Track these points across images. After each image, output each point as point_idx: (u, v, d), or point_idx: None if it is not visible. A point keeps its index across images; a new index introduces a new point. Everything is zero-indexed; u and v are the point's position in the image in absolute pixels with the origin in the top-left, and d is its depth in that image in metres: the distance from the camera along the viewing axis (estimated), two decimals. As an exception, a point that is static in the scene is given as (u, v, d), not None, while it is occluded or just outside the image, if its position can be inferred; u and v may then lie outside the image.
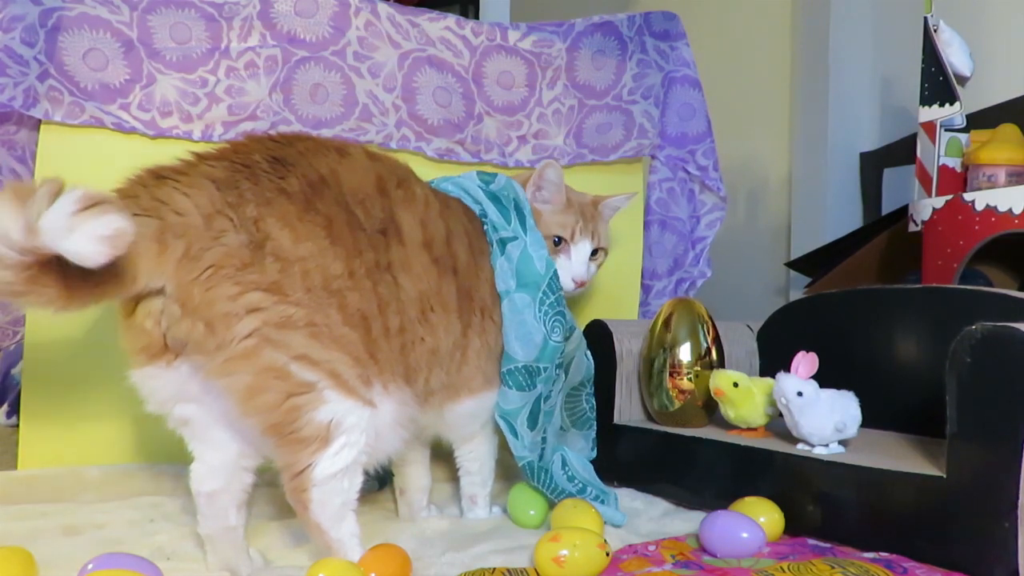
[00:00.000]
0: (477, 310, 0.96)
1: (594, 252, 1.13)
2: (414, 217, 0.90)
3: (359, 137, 1.28)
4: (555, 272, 1.01)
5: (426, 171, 1.08)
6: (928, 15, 1.35)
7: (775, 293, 2.07)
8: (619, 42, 1.46)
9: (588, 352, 1.15)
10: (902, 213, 1.59)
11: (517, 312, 0.98)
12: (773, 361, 1.21)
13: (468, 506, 1.06)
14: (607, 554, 0.78)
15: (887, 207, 1.83)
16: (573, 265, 1.10)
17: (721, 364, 1.13)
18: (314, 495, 0.78)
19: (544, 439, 1.03)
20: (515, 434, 0.99)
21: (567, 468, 1.05)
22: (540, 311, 0.99)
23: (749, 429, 1.06)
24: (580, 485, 1.03)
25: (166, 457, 1.16)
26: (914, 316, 1.06)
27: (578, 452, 1.12)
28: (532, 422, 1.00)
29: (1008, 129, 1.34)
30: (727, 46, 2.20)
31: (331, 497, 0.79)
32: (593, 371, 1.15)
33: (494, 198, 1.03)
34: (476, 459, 1.04)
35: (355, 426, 0.79)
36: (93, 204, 0.63)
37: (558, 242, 1.09)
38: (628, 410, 1.20)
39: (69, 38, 1.09)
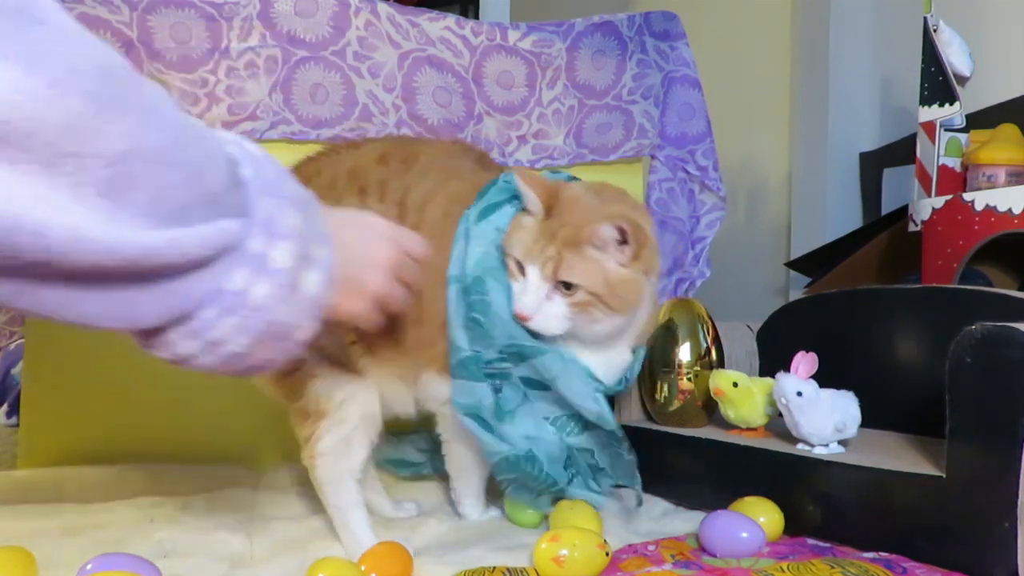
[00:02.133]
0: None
1: (567, 286, 0.85)
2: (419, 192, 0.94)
3: (359, 137, 1.28)
4: (478, 278, 0.88)
5: (426, 171, 1.08)
6: (928, 15, 1.35)
7: (775, 293, 2.07)
8: (619, 42, 1.47)
9: (602, 399, 0.92)
10: (902, 213, 1.59)
11: (450, 301, 0.90)
12: (773, 361, 1.21)
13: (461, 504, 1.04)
14: (607, 554, 0.78)
15: (887, 207, 1.83)
16: (516, 294, 0.88)
17: (721, 364, 1.13)
18: (318, 463, 0.89)
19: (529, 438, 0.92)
20: (487, 428, 0.89)
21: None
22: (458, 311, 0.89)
23: (749, 429, 1.06)
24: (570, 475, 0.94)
25: (166, 457, 1.16)
26: (914, 316, 1.06)
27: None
28: (499, 415, 0.91)
29: (1008, 129, 1.34)
30: (727, 46, 2.20)
31: (332, 465, 0.88)
32: (610, 420, 0.92)
33: (484, 191, 0.96)
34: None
35: (349, 398, 0.88)
36: None
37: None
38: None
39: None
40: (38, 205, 0.40)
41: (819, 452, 0.93)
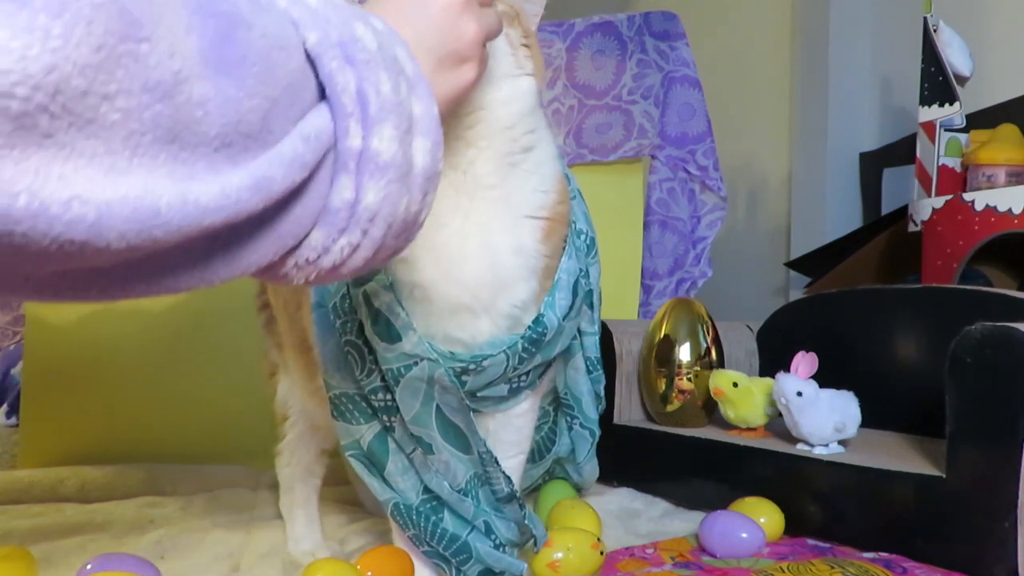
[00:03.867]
0: None
1: None
2: None
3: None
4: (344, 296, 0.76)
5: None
6: (928, 15, 1.35)
7: (775, 293, 2.07)
8: (619, 42, 1.46)
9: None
10: (902, 213, 1.59)
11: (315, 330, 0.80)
12: (773, 361, 1.21)
13: None
14: (601, 553, 0.78)
15: (887, 207, 1.83)
16: None
17: (721, 364, 1.13)
18: (276, 461, 0.94)
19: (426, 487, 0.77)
20: (372, 472, 0.78)
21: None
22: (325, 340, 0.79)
23: (749, 429, 1.06)
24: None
25: (166, 457, 1.16)
26: (914, 316, 1.06)
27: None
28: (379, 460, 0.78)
29: (1008, 129, 1.34)
30: (727, 46, 2.19)
31: (283, 465, 0.93)
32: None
33: None
34: None
35: (290, 402, 0.91)
36: None
37: None
38: (628, 410, 1.20)
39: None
40: (89, 185, 0.32)
41: (819, 452, 0.93)
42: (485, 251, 0.69)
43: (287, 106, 0.40)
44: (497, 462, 0.75)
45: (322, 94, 0.42)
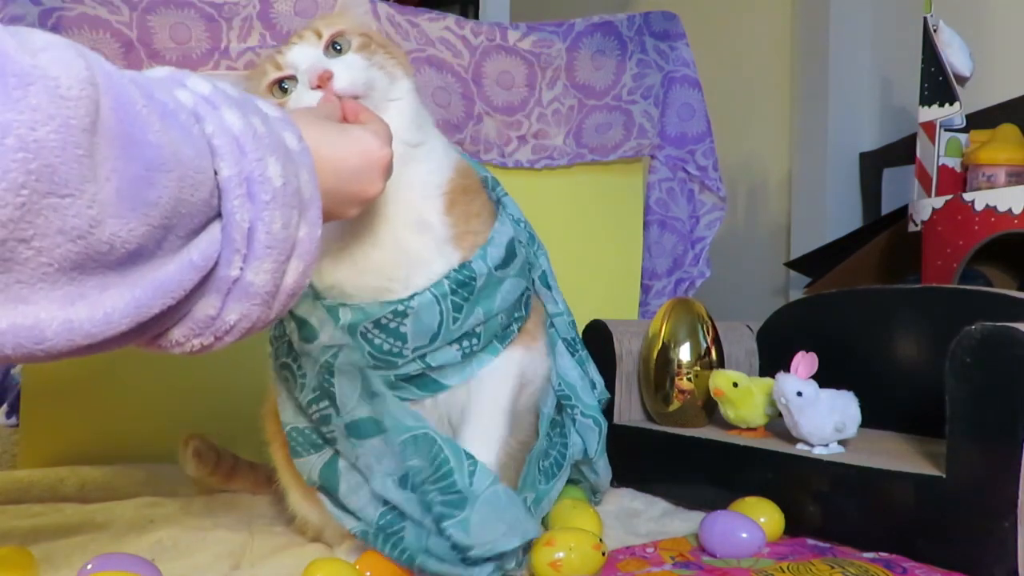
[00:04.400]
0: None
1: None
2: None
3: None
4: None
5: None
6: (928, 15, 1.35)
7: (775, 293, 2.07)
8: (619, 42, 1.47)
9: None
10: (902, 213, 1.59)
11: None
12: (773, 361, 1.21)
13: None
14: (603, 554, 0.78)
15: (887, 207, 1.83)
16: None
17: (721, 364, 1.13)
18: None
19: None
20: (334, 502, 0.81)
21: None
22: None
23: (749, 429, 1.06)
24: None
25: (166, 457, 1.16)
26: (914, 316, 1.06)
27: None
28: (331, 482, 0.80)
29: (1008, 129, 1.34)
30: (727, 46, 2.20)
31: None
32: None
33: None
34: None
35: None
36: None
37: None
38: (628, 410, 1.20)
39: (69, 38, 1.09)
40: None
41: (819, 452, 0.93)
42: (392, 238, 0.75)
43: (184, 228, 0.44)
44: (465, 454, 0.76)
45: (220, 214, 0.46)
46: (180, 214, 0.43)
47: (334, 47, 0.76)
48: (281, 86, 0.75)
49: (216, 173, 0.46)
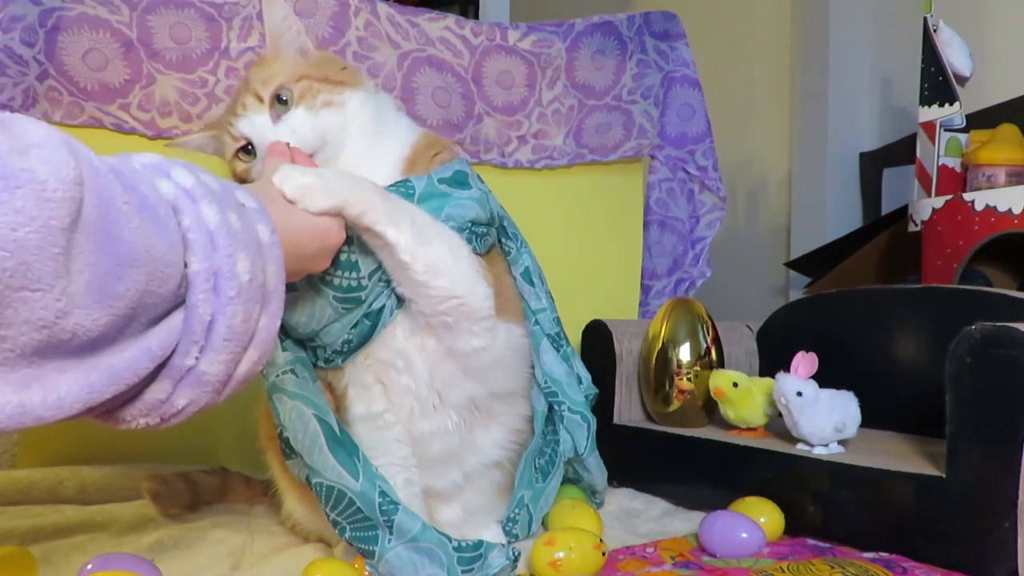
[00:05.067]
0: None
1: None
2: None
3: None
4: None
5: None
6: (928, 15, 1.35)
7: (775, 293, 2.07)
8: (619, 42, 1.46)
9: None
10: (902, 213, 1.59)
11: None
12: (773, 361, 1.21)
13: None
14: (603, 554, 0.78)
15: (887, 207, 1.82)
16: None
17: (721, 364, 1.13)
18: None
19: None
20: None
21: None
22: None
23: (749, 429, 1.06)
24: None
25: (166, 457, 1.16)
26: (914, 316, 1.06)
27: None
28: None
29: (1008, 129, 1.34)
30: (727, 46, 2.19)
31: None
32: None
33: None
34: None
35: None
36: None
37: None
38: (628, 410, 1.20)
39: (68, 38, 1.09)
40: None
41: (819, 452, 0.93)
42: None
43: (147, 316, 0.45)
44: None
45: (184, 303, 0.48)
46: (145, 304, 0.45)
47: (279, 100, 0.80)
48: (246, 149, 0.81)
49: (186, 266, 0.48)
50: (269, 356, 0.54)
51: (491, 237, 0.89)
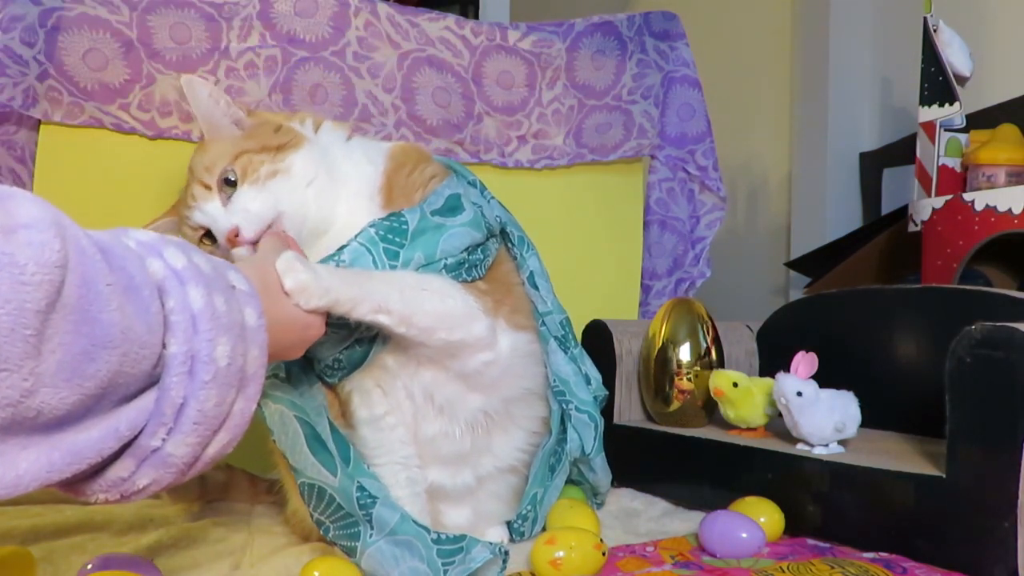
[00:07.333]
0: None
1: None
2: None
3: (359, 137, 1.28)
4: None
5: (426, 171, 1.08)
6: (928, 15, 1.35)
7: (775, 293, 2.07)
8: (619, 42, 1.46)
9: None
10: (902, 213, 1.59)
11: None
12: (773, 361, 1.21)
13: None
14: (603, 553, 0.78)
15: (887, 207, 1.83)
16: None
17: (721, 364, 1.13)
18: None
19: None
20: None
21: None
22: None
23: (749, 429, 1.06)
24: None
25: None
26: (914, 316, 1.06)
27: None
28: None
29: (1008, 129, 1.34)
30: (727, 46, 2.19)
31: None
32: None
33: None
34: None
35: None
36: None
37: None
38: (628, 410, 1.20)
39: (69, 38, 1.09)
40: None
41: (819, 452, 0.93)
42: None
43: (118, 395, 0.45)
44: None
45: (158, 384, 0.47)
46: (116, 384, 0.44)
47: (228, 183, 0.80)
48: (209, 235, 0.80)
49: (165, 347, 0.47)
50: (240, 439, 0.54)
51: (490, 254, 0.89)
